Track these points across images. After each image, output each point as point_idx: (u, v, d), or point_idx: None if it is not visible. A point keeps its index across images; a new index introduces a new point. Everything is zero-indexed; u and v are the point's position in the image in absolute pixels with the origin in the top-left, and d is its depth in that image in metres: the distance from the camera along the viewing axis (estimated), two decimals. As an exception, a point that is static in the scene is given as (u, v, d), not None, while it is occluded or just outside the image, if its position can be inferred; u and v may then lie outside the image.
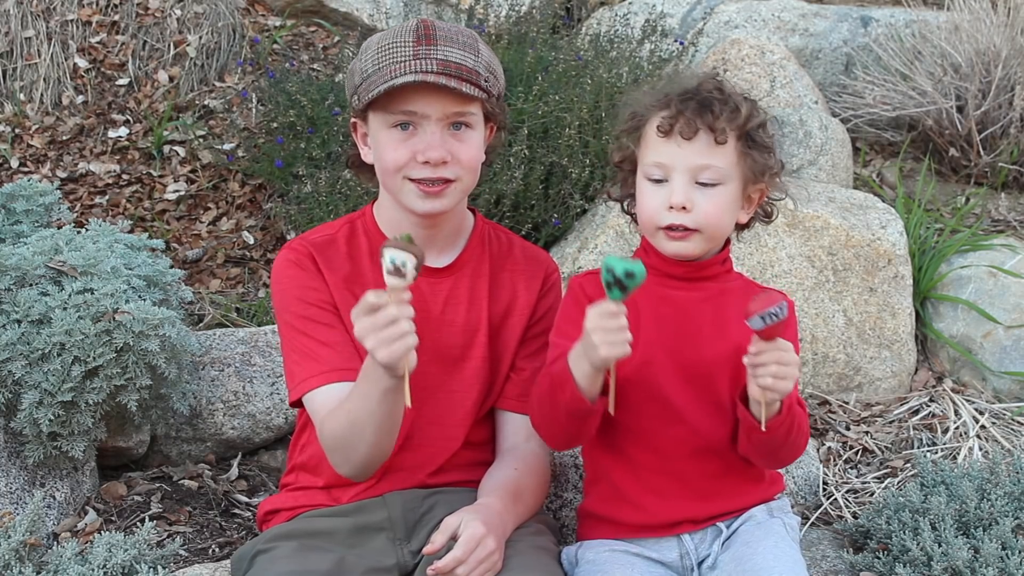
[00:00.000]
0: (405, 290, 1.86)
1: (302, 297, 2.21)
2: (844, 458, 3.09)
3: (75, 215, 3.78)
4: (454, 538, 2.02)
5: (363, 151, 2.27)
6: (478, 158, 2.22)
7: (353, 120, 2.28)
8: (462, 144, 2.18)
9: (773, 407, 1.98)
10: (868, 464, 3.09)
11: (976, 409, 3.27)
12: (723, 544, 2.14)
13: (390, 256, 1.83)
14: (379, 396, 1.98)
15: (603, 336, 1.91)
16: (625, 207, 2.27)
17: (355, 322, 1.89)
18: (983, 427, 3.20)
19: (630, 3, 4.55)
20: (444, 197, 2.18)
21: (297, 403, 2.23)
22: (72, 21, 4.34)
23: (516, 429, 2.28)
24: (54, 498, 2.71)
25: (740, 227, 2.21)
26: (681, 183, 2.07)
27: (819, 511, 2.84)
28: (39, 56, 4.26)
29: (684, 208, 2.06)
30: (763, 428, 1.97)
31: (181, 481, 2.90)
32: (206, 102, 4.28)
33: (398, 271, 1.83)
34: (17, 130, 4.13)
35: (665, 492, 2.14)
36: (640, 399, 2.11)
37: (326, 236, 2.29)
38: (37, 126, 4.15)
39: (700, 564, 2.15)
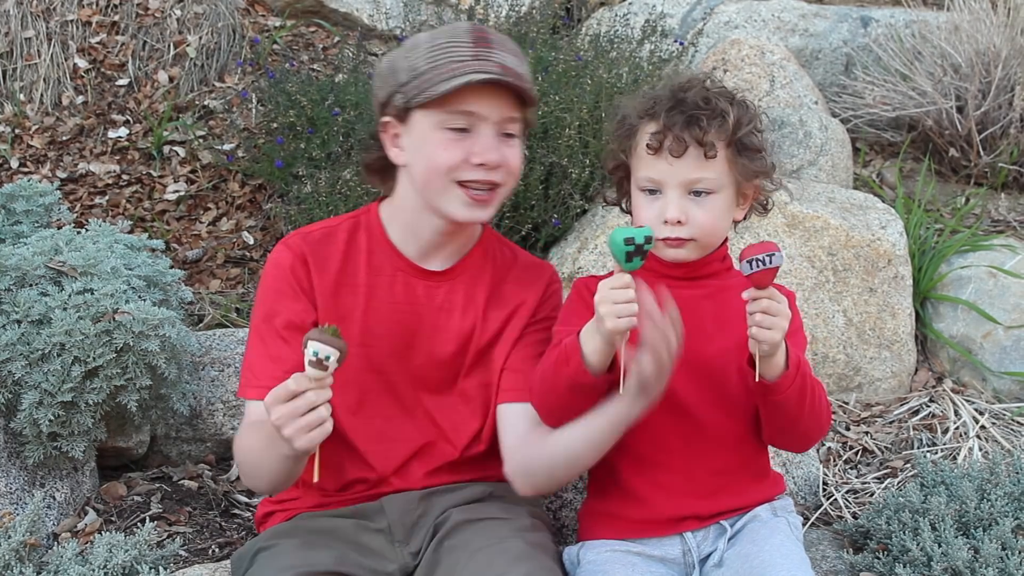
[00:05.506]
0: (327, 377, 1.87)
1: (272, 309, 2.19)
2: (844, 458, 3.09)
3: (75, 215, 3.78)
4: None
5: (392, 152, 2.20)
6: (521, 167, 2.21)
7: (385, 120, 2.20)
8: (512, 150, 2.15)
9: (772, 361, 1.98)
10: (868, 464, 3.09)
11: (976, 409, 3.28)
12: (728, 542, 2.14)
13: (314, 348, 1.84)
14: (280, 458, 1.99)
15: (610, 308, 1.91)
16: (624, 207, 2.27)
17: (270, 409, 1.87)
18: (983, 427, 3.20)
19: (630, 3, 4.55)
20: (490, 206, 2.16)
21: None
22: (72, 21, 4.34)
23: (518, 419, 2.22)
24: (54, 498, 2.71)
25: (736, 222, 2.22)
26: (675, 197, 2.08)
27: (819, 511, 2.85)
28: (39, 56, 4.26)
29: (679, 222, 2.07)
30: (756, 378, 1.97)
31: (181, 481, 2.90)
32: (206, 102, 4.28)
33: (320, 363, 1.84)
34: (17, 130, 4.13)
35: (670, 488, 2.14)
36: None
37: (326, 229, 2.26)
38: (37, 126, 4.16)
39: (703, 561, 2.16)
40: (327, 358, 1.83)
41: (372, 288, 2.22)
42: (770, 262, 1.91)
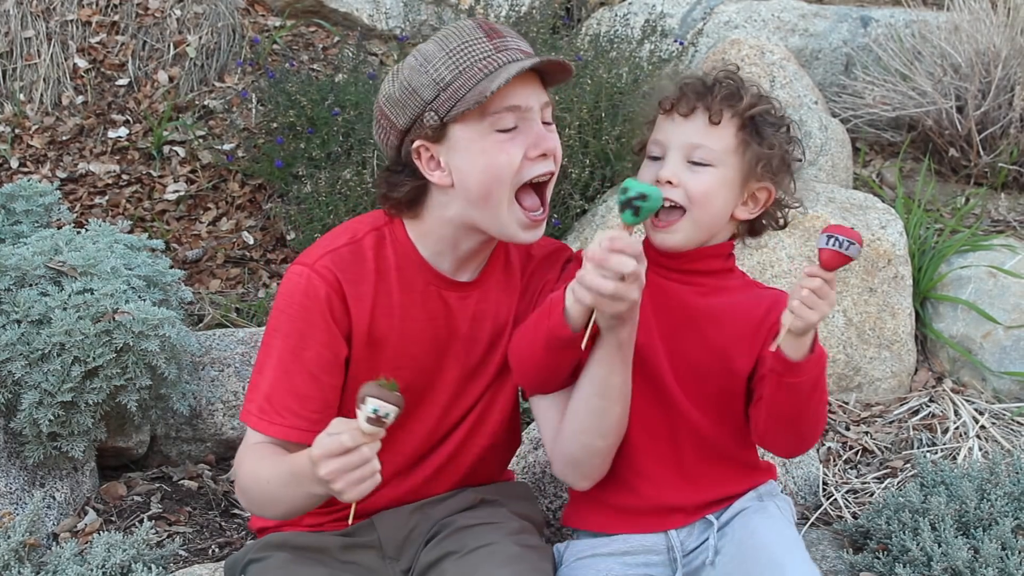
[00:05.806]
0: (382, 431, 1.81)
1: (301, 342, 2.05)
2: (844, 458, 3.09)
3: (75, 215, 3.79)
4: None
5: (436, 176, 2.05)
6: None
7: (417, 145, 2.05)
8: (556, 137, 2.08)
9: (801, 341, 1.96)
10: (868, 464, 3.09)
11: (976, 409, 3.28)
12: (718, 532, 2.14)
13: (373, 406, 1.76)
14: (306, 496, 1.93)
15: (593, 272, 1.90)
16: None
17: (320, 463, 1.78)
18: (983, 427, 3.20)
19: (630, 3, 4.55)
20: (543, 225, 2.09)
21: None
22: (72, 21, 4.34)
23: (549, 410, 2.16)
24: (54, 498, 2.71)
25: (747, 231, 2.21)
26: (673, 159, 2.09)
27: (819, 511, 2.85)
28: (39, 56, 4.26)
29: (671, 183, 2.07)
30: (773, 347, 1.97)
31: (181, 481, 2.90)
32: (206, 102, 4.29)
33: (379, 420, 1.77)
34: (17, 130, 4.13)
35: (655, 477, 2.15)
36: (637, 378, 2.11)
37: (352, 245, 2.11)
38: (37, 126, 4.16)
39: (688, 553, 2.16)
40: (387, 415, 1.77)
41: (406, 307, 2.12)
42: (846, 249, 1.89)
